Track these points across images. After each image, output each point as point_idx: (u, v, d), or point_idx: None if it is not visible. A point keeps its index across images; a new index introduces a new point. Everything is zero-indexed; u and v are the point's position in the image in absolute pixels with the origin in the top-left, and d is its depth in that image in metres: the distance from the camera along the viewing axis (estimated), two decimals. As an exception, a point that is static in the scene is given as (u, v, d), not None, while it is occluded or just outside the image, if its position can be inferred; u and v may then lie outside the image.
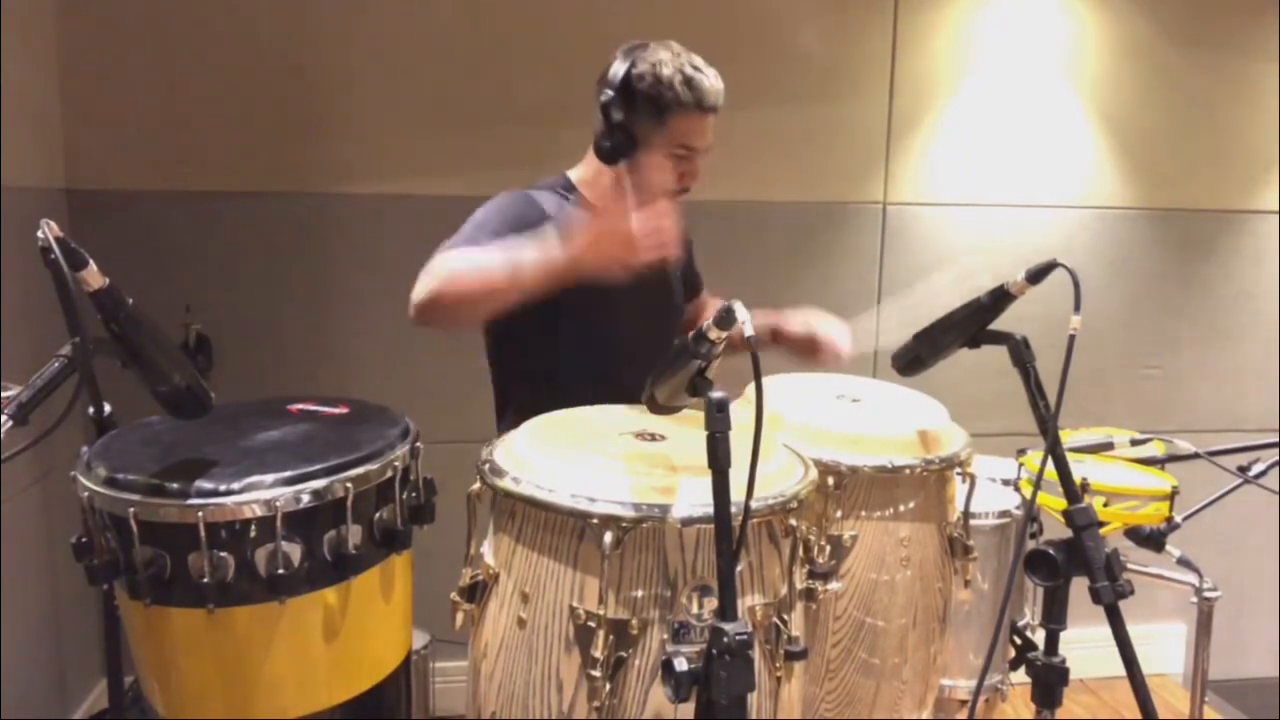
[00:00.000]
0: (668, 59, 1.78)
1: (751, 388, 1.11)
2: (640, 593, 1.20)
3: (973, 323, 1.59)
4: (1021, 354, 1.50)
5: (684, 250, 2.09)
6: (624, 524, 1.17)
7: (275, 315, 2.69)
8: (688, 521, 1.17)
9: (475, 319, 1.74)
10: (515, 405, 1.86)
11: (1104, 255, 3.08)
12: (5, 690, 2.17)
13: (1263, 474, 2.05)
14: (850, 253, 2.95)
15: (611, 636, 1.19)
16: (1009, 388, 1.55)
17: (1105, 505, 1.95)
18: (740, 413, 1.13)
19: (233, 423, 1.44)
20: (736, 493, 1.10)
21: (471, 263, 1.55)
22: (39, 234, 1.14)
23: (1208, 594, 2.12)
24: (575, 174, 1.95)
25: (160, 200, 2.59)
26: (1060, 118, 2.99)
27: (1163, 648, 3.28)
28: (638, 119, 1.78)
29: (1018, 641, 2.16)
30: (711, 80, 1.79)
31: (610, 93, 1.78)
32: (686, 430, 1.35)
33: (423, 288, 1.56)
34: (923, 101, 2.91)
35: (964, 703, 2.09)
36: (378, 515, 1.38)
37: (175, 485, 1.24)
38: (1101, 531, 1.51)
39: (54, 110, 2.51)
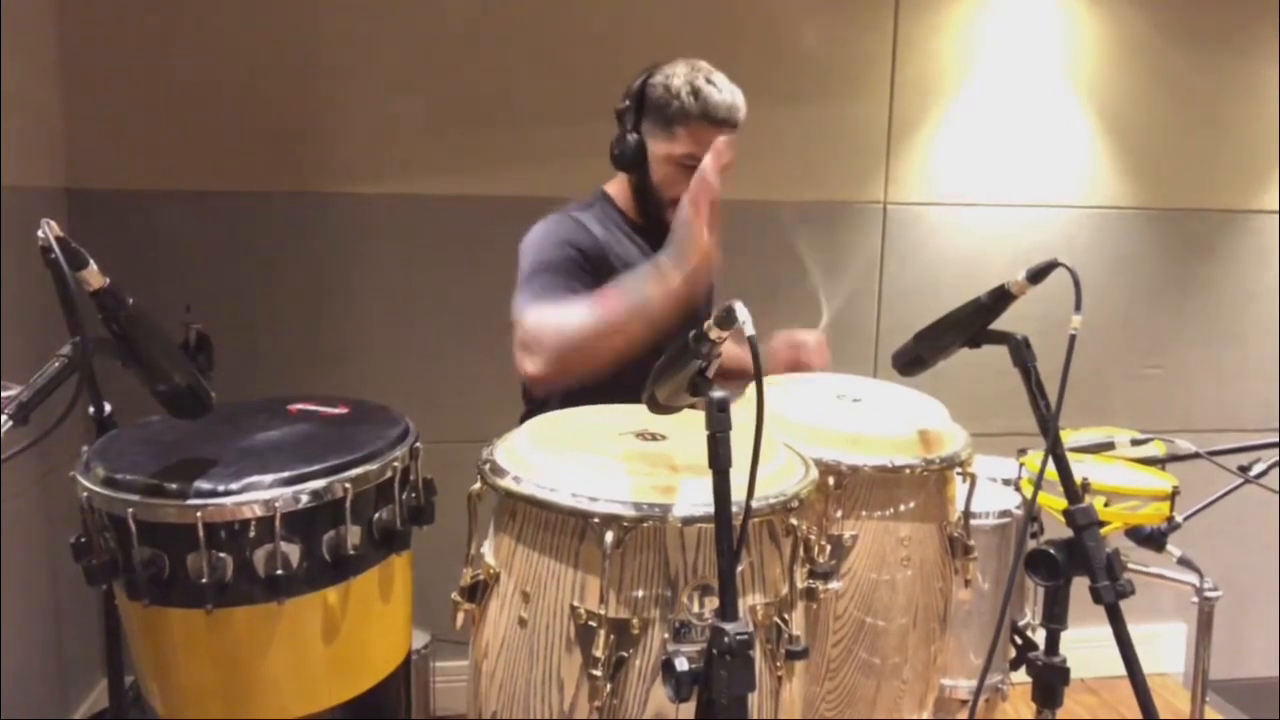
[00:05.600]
0: (682, 72, 1.80)
1: (752, 387, 1.11)
2: (641, 592, 1.20)
3: (973, 322, 1.58)
4: (1022, 354, 1.50)
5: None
6: (625, 523, 1.17)
7: (275, 315, 2.69)
8: (689, 521, 1.17)
9: (608, 367, 1.57)
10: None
11: (1104, 255, 3.08)
12: (5, 690, 2.17)
13: (1263, 474, 2.05)
14: (851, 253, 2.95)
15: (612, 636, 1.19)
16: (1009, 387, 1.54)
17: (1106, 505, 1.95)
18: (741, 412, 1.13)
19: (232, 423, 1.44)
20: (737, 492, 1.10)
21: (597, 320, 1.51)
22: (39, 233, 1.14)
23: (1208, 594, 2.11)
24: (610, 188, 1.96)
25: (160, 200, 2.59)
26: (1060, 118, 2.98)
27: (1163, 647, 3.28)
28: (646, 126, 1.83)
29: (1018, 641, 2.16)
30: (723, 95, 1.79)
31: (625, 102, 1.84)
32: (687, 430, 1.34)
33: (546, 361, 1.53)
34: (923, 101, 2.91)
35: (964, 702, 2.09)
36: (377, 516, 1.37)
37: (174, 485, 1.23)
38: (1102, 531, 1.51)
39: (54, 110, 2.51)
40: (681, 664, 1.05)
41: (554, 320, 1.57)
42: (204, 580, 1.23)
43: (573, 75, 2.71)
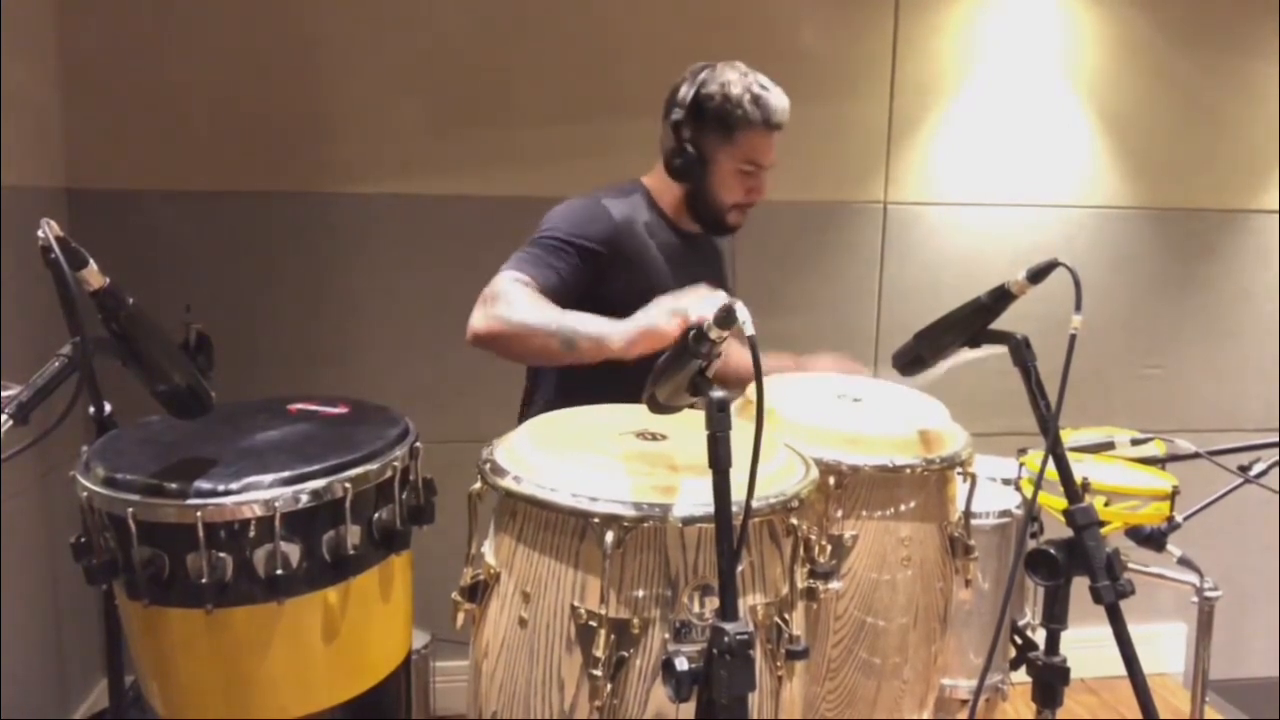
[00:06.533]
0: (736, 79, 1.80)
1: (752, 387, 1.11)
2: (641, 592, 1.20)
3: (973, 322, 1.58)
4: (1022, 353, 1.50)
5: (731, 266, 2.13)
6: (625, 523, 1.17)
7: (275, 315, 2.69)
8: (689, 521, 1.17)
9: (528, 363, 1.89)
10: (550, 393, 1.89)
11: (1104, 255, 3.07)
12: (5, 690, 2.17)
13: (1263, 473, 2.05)
14: (851, 252, 2.95)
15: (613, 636, 1.19)
16: (1010, 387, 1.55)
17: (1106, 505, 1.95)
18: (741, 419, 1.13)
19: (232, 423, 1.44)
20: (737, 492, 1.10)
21: (539, 320, 1.59)
22: (39, 233, 1.14)
23: (1208, 594, 2.11)
24: (648, 180, 1.94)
25: (160, 200, 2.59)
26: (1060, 118, 2.98)
27: (1163, 647, 3.28)
28: (707, 137, 1.81)
29: (1018, 641, 2.16)
30: (777, 98, 1.81)
31: (680, 112, 1.81)
32: (687, 430, 1.34)
33: (487, 320, 1.63)
34: (924, 101, 2.91)
35: (965, 702, 2.09)
36: (377, 515, 1.37)
37: (174, 485, 1.23)
38: (1102, 531, 1.51)
39: (54, 110, 2.51)
40: (682, 664, 1.05)
41: (521, 300, 1.63)
42: (204, 580, 1.23)
43: (573, 75, 2.71)
